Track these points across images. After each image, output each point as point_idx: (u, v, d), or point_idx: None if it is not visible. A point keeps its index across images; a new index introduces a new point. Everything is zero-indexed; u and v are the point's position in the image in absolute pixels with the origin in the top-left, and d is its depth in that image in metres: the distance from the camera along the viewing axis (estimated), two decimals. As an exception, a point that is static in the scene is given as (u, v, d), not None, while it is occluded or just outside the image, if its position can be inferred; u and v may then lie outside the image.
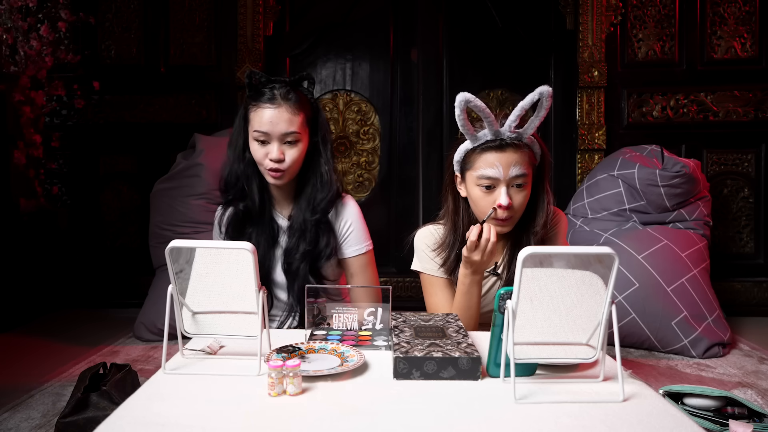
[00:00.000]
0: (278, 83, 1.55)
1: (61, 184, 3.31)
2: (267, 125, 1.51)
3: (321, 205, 1.58)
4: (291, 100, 1.52)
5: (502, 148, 1.38)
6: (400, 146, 3.34)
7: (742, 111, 3.18)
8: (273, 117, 1.50)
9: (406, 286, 3.29)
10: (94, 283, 3.36)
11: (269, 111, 1.51)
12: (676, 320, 2.45)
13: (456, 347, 1.02)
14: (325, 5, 3.33)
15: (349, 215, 1.64)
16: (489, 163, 1.39)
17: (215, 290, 1.04)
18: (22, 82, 2.96)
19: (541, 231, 1.47)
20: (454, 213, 1.52)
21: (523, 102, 1.34)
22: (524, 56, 3.27)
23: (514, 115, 1.36)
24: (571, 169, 3.27)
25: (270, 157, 1.51)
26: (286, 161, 1.53)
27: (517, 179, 1.39)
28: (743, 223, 3.24)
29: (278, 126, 1.50)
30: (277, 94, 1.52)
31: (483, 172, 1.39)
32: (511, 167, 1.38)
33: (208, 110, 3.35)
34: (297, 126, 1.52)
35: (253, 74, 1.56)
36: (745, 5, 3.18)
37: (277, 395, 0.91)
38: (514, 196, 1.40)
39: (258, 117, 1.52)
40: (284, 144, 1.53)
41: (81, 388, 1.56)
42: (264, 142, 1.53)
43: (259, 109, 1.52)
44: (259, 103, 1.53)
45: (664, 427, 0.82)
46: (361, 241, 1.65)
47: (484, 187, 1.41)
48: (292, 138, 1.52)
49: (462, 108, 1.35)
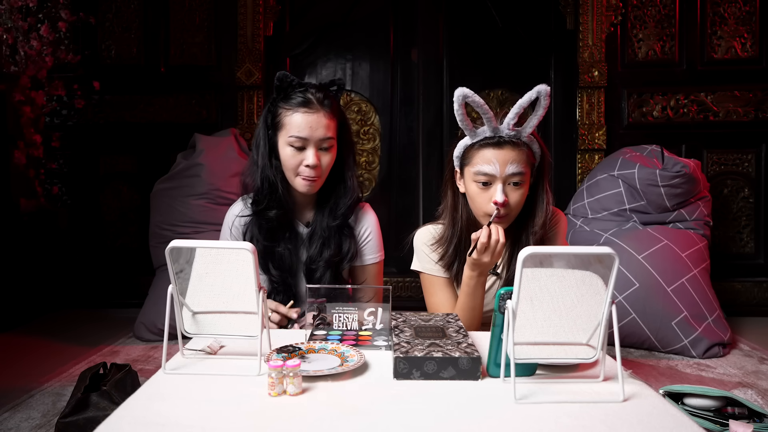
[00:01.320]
0: (313, 87, 1.51)
1: (61, 184, 3.31)
2: (306, 130, 1.47)
3: (342, 210, 1.56)
4: (327, 105, 1.50)
5: (499, 145, 1.39)
6: (401, 146, 3.34)
7: (742, 111, 3.18)
8: (312, 122, 1.47)
9: (406, 286, 3.29)
10: (94, 283, 3.35)
11: (308, 116, 1.47)
12: (677, 320, 2.45)
13: (456, 347, 1.02)
14: (325, 5, 3.33)
15: (368, 223, 1.63)
16: (486, 159, 1.40)
17: (215, 290, 1.04)
18: (23, 82, 2.97)
19: (540, 231, 1.47)
20: (453, 209, 1.53)
21: (521, 100, 1.34)
22: (524, 56, 3.27)
23: (512, 113, 1.36)
24: (571, 169, 3.27)
25: (306, 163, 1.47)
26: (321, 167, 1.50)
27: (514, 177, 1.39)
28: (743, 223, 3.24)
29: (317, 131, 1.47)
30: (312, 98, 1.48)
31: (480, 168, 1.40)
32: (508, 165, 1.38)
33: (208, 110, 3.35)
34: (333, 131, 1.51)
35: (285, 77, 1.51)
36: (745, 5, 3.18)
37: (277, 395, 0.91)
38: (511, 194, 1.40)
39: (295, 122, 1.47)
40: (320, 150, 1.49)
41: (81, 388, 1.57)
42: (300, 148, 1.48)
43: (296, 113, 1.48)
44: (295, 107, 1.48)
45: (664, 427, 0.82)
46: (377, 249, 1.65)
47: (481, 184, 1.41)
48: (327, 144, 1.50)
49: (460, 103, 1.36)
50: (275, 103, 1.53)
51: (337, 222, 1.55)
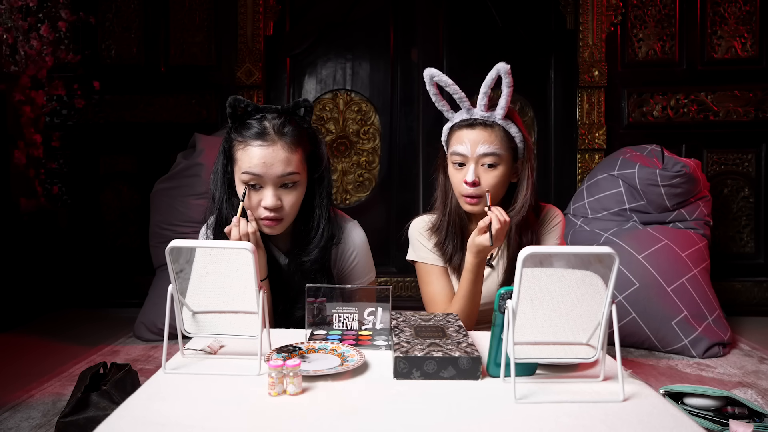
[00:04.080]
0: (273, 112, 1.30)
1: (61, 183, 3.31)
2: (259, 167, 1.26)
3: (312, 256, 1.37)
4: (287, 134, 1.28)
5: (472, 126, 1.43)
6: (401, 146, 3.34)
7: (742, 111, 3.18)
8: (267, 157, 1.26)
9: (406, 286, 3.29)
10: (94, 283, 3.36)
11: (262, 150, 1.26)
12: (677, 320, 2.45)
13: (456, 347, 1.02)
14: (325, 5, 3.33)
15: (354, 245, 1.47)
16: (460, 140, 1.44)
17: (215, 290, 1.04)
18: (23, 82, 2.97)
19: (517, 216, 1.46)
20: (444, 193, 1.54)
21: (485, 81, 1.38)
22: (524, 56, 3.27)
23: (480, 94, 1.40)
24: (571, 169, 3.27)
25: (264, 204, 1.28)
26: (284, 208, 1.30)
27: (486, 158, 1.41)
28: (743, 222, 3.24)
29: (274, 168, 1.26)
30: (269, 127, 1.27)
31: (454, 149, 1.45)
32: (480, 145, 1.41)
33: (208, 110, 3.35)
34: (295, 165, 1.28)
35: (237, 102, 1.29)
36: (745, 5, 3.18)
37: (277, 395, 0.91)
38: (483, 175, 1.42)
39: (247, 157, 1.27)
40: (280, 188, 1.29)
41: (81, 388, 1.57)
42: (256, 186, 1.29)
43: (247, 147, 1.27)
44: (247, 139, 1.27)
45: (664, 427, 0.82)
46: (365, 272, 1.51)
47: (457, 165, 1.45)
48: (289, 180, 1.29)
49: (431, 83, 1.41)
50: (230, 133, 1.32)
51: (310, 260, 1.38)
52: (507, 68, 1.37)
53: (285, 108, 1.32)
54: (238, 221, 1.29)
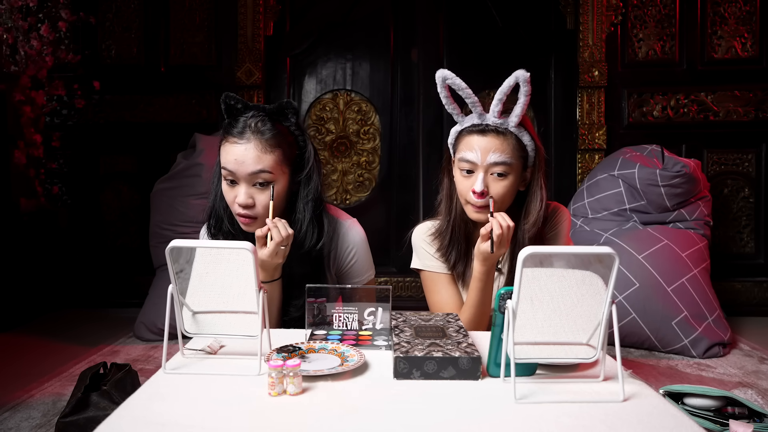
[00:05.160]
0: (258, 110, 1.33)
1: (61, 183, 3.31)
2: (232, 164, 1.29)
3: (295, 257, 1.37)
4: (264, 133, 1.30)
5: (483, 133, 1.36)
6: (401, 146, 3.34)
7: (742, 111, 3.18)
8: (239, 154, 1.29)
9: (406, 286, 3.29)
10: (94, 283, 3.36)
11: (236, 147, 1.29)
12: (677, 320, 2.45)
13: (456, 347, 1.02)
14: (325, 5, 3.33)
15: (352, 243, 1.48)
16: (469, 146, 1.37)
17: (215, 290, 1.04)
18: (23, 82, 2.97)
19: (533, 229, 1.41)
20: (448, 197, 1.49)
21: (502, 87, 1.32)
22: (525, 56, 3.27)
23: (495, 101, 1.34)
24: (571, 169, 3.27)
25: (237, 201, 1.31)
26: (256, 207, 1.32)
27: (497, 167, 1.35)
28: (743, 223, 3.24)
29: (245, 165, 1.29)
30: (246, 126, 1.30)
31: (463, 155, 1.38)
32: (490, 153, 1.34)
33: (208, 110, 3.35)
34: (268, 164, 1.30)
35: (228, 98, 1.33)
36: (745, 5, 3.18)
37: (277, 395, 0.91)
38: (492, 185, 1.36)
39: (225, 152, 1.31)
40: (253, 186, 1.31)
41: (81, 388, 1.57)
42: (233, 182, 1.32)
43: (227, 143, 1.32)
44: (228, 136, 1.32)
45: (664, 427, 0.82)
46: (365, 270, 1.52)
47: (465, 171, 1.39)
48: (262, 179, 1.30)
49: (442, 85, 1.34)
50: (222, 129, 1.37)
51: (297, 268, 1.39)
52: (526, 76, 1.30)
53: (269, 108, 1.34)
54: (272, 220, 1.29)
